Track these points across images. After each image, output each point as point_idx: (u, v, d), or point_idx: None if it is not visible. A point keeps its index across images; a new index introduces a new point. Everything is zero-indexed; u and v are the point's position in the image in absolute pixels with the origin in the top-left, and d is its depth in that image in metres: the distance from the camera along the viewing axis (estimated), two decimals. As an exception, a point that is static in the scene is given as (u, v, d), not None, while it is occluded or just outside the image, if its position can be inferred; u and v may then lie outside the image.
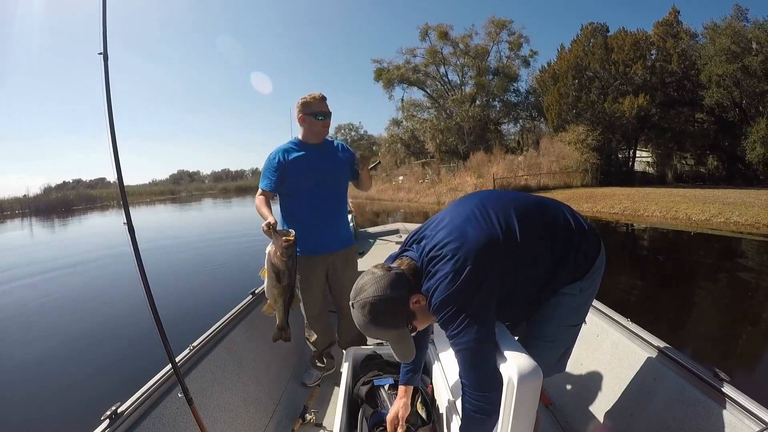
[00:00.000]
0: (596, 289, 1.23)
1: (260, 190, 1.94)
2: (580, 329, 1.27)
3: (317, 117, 1.95)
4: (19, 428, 2.85)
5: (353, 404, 1.60)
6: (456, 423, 1.39)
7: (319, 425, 1.84)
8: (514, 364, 0.99)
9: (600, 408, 1.60)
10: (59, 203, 35.52)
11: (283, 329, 1.80)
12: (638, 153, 24.59)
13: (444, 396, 1.53)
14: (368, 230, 4.74)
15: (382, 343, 2.55)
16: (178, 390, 1.22)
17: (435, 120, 29.65)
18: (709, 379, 1.21)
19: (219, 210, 27.00)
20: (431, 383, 1.70)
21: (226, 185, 75.46)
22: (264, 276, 1.65)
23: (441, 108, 30.25)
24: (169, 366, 1.25)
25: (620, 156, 24.45)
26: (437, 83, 31.39)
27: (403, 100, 31.75)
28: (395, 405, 1.47)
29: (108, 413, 1.13)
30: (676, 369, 1.33)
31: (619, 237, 10.10)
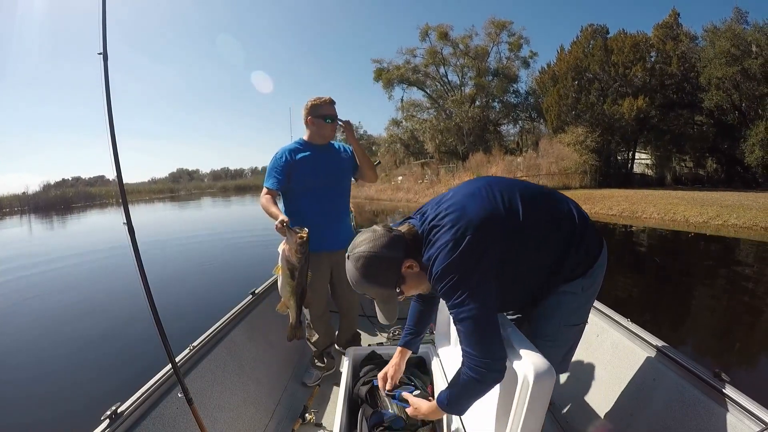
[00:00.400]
0: (598, 289, 1.23)
1: (266, 189, 1.96)
2: (584, 330, 1.27)
3: (326, 120, 2.01)
4: (19, 428, 2.84)
5: (353, 404, 1.60)
6: (456, 423, 1.39)
7: (319, 425, 1.84)
8: (530, 363, 0.99)
9: (600, 408, 1.60)
10: (58, 201, 35.52)
11: (297, 328, 1.82)
12: (637, 155, 24.60)
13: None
14: None
15: (382, 343, 2.57)
16: (178, 390, 1.22)
17: (434, 120, 29.66)
18: (709, 379, 1.21)
19: (218, 209, 26.98)
20: (431, 383, 1.70)
21: (225, 184, 75.41)
22: (278, 273, 1.67)
23: (440, 108, 30.28)
24: (169, 366, 1.25)
25: (619, 158, 24.44)
26: (437, 84, 31.42)
27: (403, 101, 31.82)
28: (388, 364, 1.48)
29: (108, 413, 1.13)
30: (676, 369, 1.34)
31: (618, 238, 10.11)
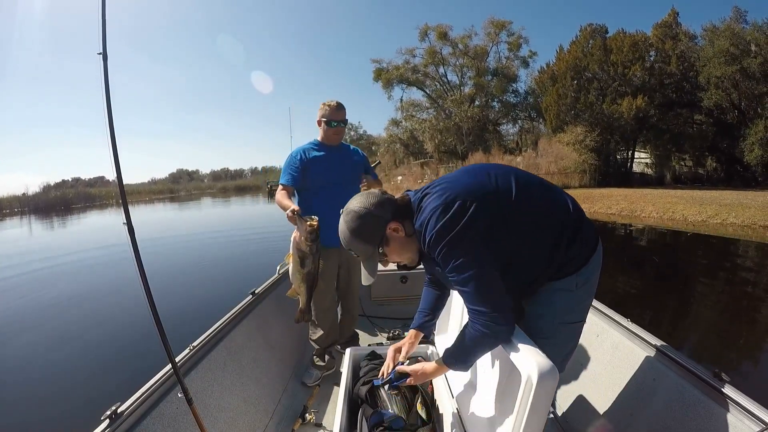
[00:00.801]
0: (594, 287, 1.22)
1: (281, 186, 2.07)
2: (582, 329, 1.26)
3: (330, 124, 2.13)
4: (20, 428, 2.84)
5: (353, 404, 1.60)
6: (456, 423, 1.39)
7: (319, 425, 1.84)
8: (534, 362, 0.99)
9: (600, 408, 1.60)
10: (58, 201, 35.43)
11: (306, 312, 1.85)
12: (636, 154, 24.60)
13: (444, 396, 1.53)
14: None
15: (382, 343, 2.57)
16: (178, 390, 1.22)
17: (434, 120, 29.68)
18: (709, 379, 1.21)
19: (218, 209, 26.97)
20: (431, 383, 1.70)
21: (225, 184, 75.35)
22: (289, 261, 1.70)
23: (440, 108, 30.30)
24: (169, 366, 1.25)
25: (618, 157, 24.45)
26: (436, 83, 31.45)
27: (402, 100, 31.86)
28: (402, 341, 1.49)
29: (108, 413, 1.13)
30: (676, 369, 1.34)
31: (617, 237, 10.12)
